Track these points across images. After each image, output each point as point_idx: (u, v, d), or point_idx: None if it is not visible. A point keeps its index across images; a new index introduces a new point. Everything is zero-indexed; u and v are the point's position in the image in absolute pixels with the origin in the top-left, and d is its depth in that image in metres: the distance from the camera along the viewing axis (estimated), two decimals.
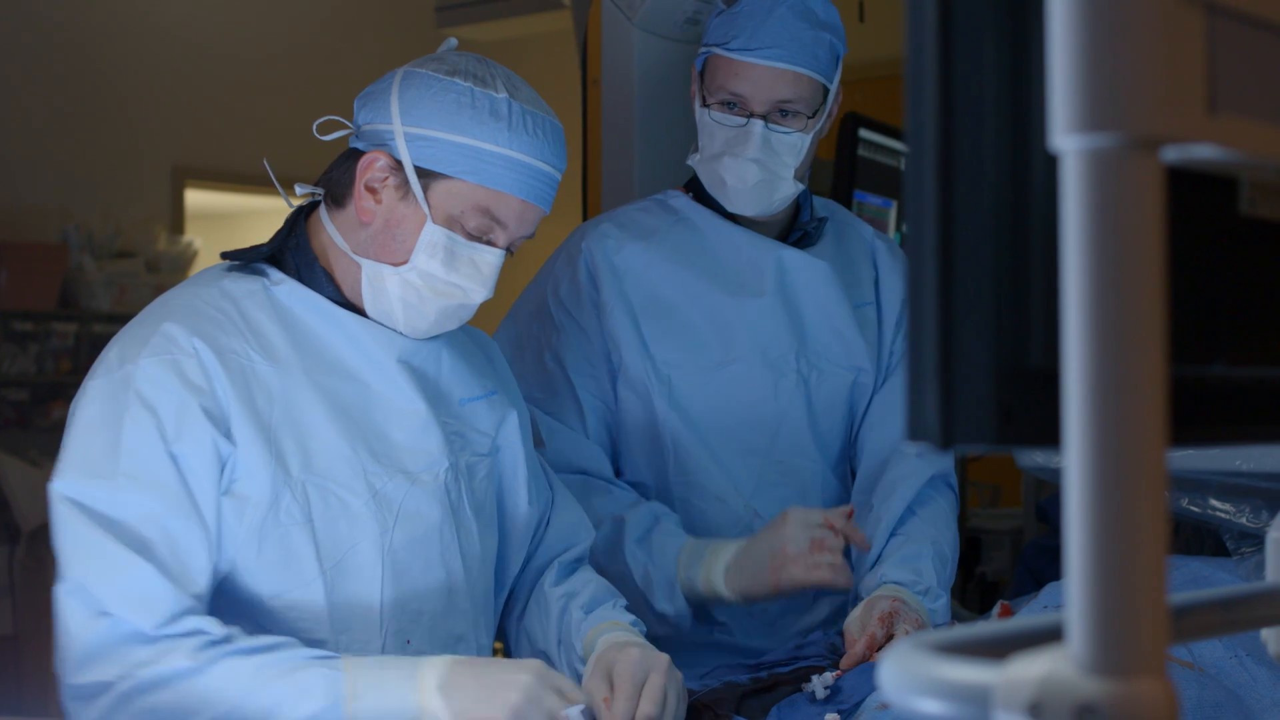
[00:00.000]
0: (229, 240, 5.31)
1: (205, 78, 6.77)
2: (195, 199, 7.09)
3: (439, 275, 1.54)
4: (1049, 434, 0.59)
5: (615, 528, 1.91)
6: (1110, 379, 0.54)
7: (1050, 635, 0.61)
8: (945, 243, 0.60)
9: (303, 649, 1.43)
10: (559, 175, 1.59)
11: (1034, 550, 2.88)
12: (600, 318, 1.98)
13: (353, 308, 1.59)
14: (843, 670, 1.67)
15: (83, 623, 1.38)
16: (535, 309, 2.04)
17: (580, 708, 1.56)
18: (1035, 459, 1.91)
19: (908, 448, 1.93)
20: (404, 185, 1.54)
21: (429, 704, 1.40)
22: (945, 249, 0.60)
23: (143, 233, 6.41)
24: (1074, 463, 0.55)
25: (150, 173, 6.69)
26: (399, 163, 1.53)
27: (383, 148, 1.54)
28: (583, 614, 1.68)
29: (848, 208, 2.68)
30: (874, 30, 2.83)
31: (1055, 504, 2.86)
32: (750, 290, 1.99)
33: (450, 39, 1.67)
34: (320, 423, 1.51)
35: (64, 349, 5.92)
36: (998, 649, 0.60)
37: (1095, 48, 0.55)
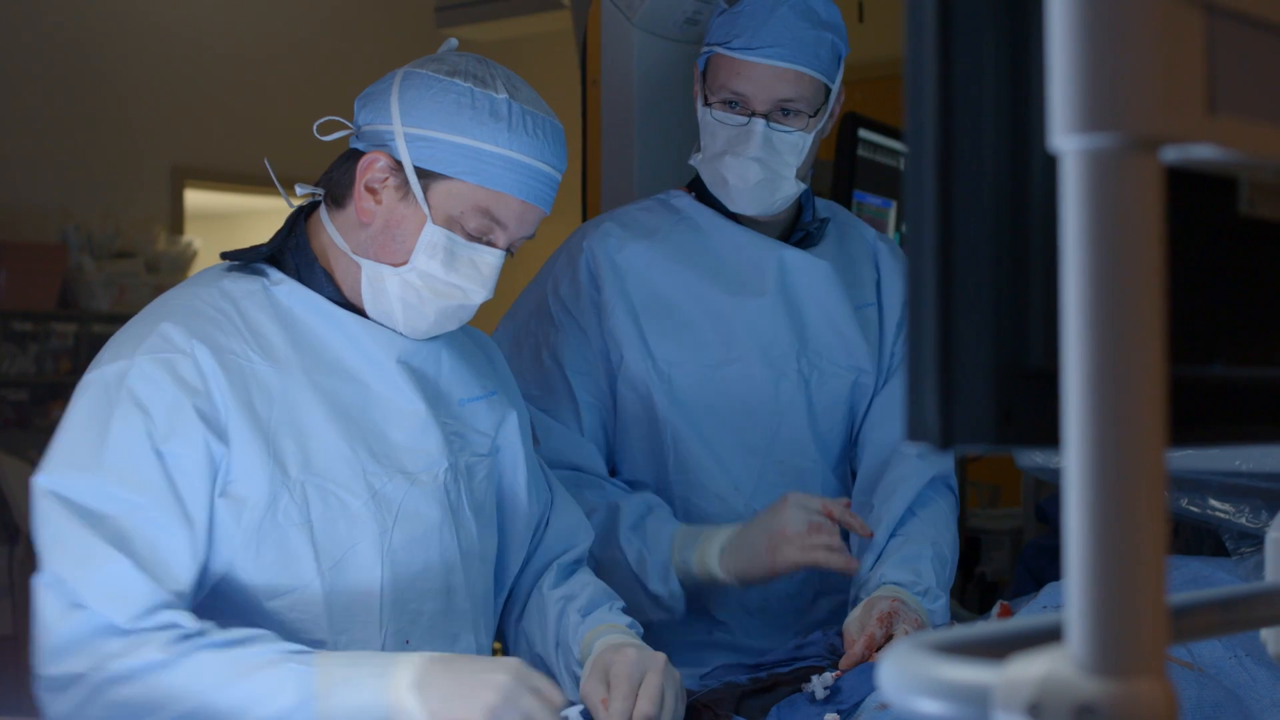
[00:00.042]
0: (228, 240, 5.31)
1: (205, 78, 6.78)
2: (195, 199, 7.09)
3: (439, 276, 1.54)
4: (1048, 434, 0.59)
5: (609, 514, 1.92)
6: (1110, 379, 0.54)
7: (1050, 635, 0.61)
8: (945, 243, 0.60)
9: (277, 643, 1.41)
10: (559, 176, 1.59)
11: (1033, 550, 2.88)
12: (600, 317, 1.98)
13: (352, 308, 1.59)
14: (842, 670, 1.67)
15: (57, 615, 1.37)
16: (535, 306, 2.04)
17: (579, 708, 1.56)
18: (1035, 459, 1.91)
19: (908, 449, 1.94)
20: (404, 186, 1.54)
21: (402, 702, 1.38)
22: (945, 249, 0.60)
23: (142, 233, 6.42)
24: (1073, 463, 0.55)
25: (150, 173, 6.70)
26: (399, 163, 1.53)
27: (383, 148, 1.54)
28: (580, 617, 1.68)
29: (847, 208, 2.68)
30: (873, 30, 2.83)
31: (1055, 504, 2.86)
32: (752, 290, 2.00)
33: (451, 39, 1.67)
34: (319, 423, 1.51)
35: (63, 349, 5.92)
36: (997, 649, 0.60)
37: (1095, 48, 0.55)
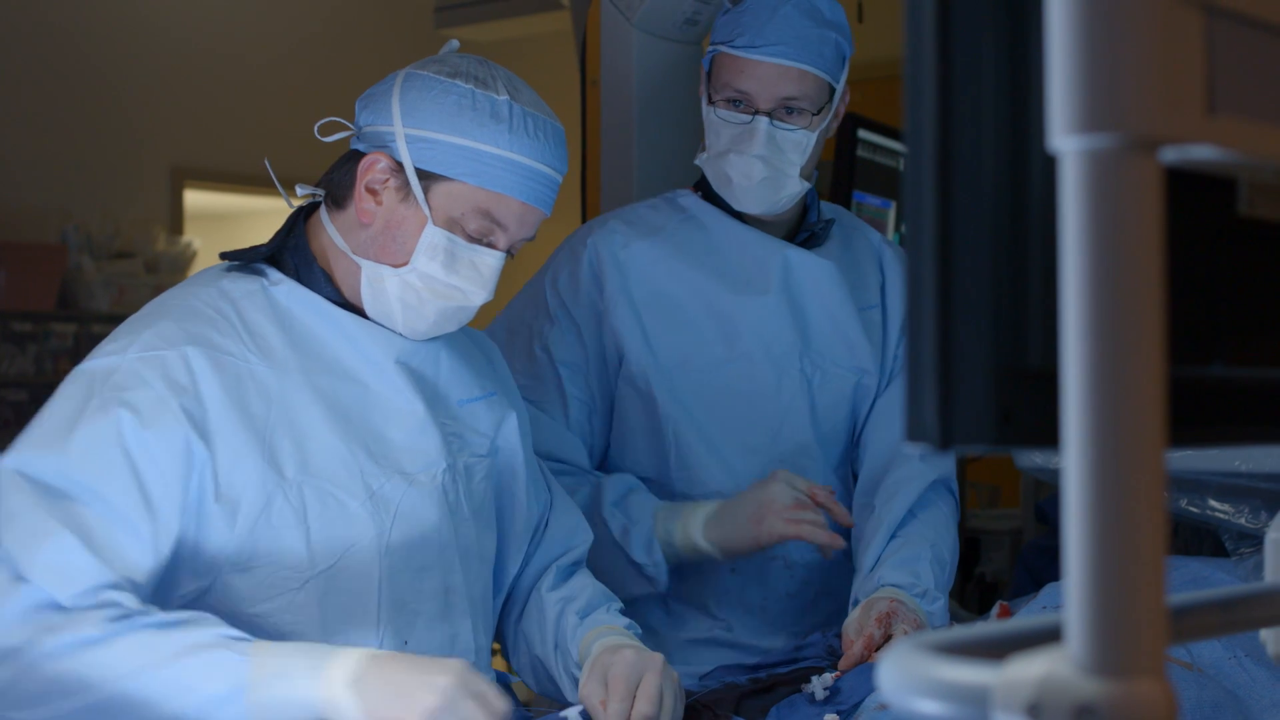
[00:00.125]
0: (228, 241, 5.30)
1: (205, 78, 6.78)
2: (194, 199, 7.09)
3: (439, 277, 1.54)
4: (1048, 435, 0.59)
5: (593, 490, 1.94)
6: (1109, 379, 0.55)
7: (1049, 636, 0.61)
8: (944, 243, 0.60)
9: (218, 628, 1.37)
10: (560, 178, 1.59)
11: (1033, 551, 2.88)
12: (600, 315, 1.98)
13: (351, 308, 1.59)
14: (841, 671, 1.68)
15: (1, 589, 1.34)
16: (532, 298, 2.05)
17: (579, 709, 1.56)
18: (1034, 460, 1.91)
19: (910, 450, 1.94)
20: (405, 187, 1.54)
21: (337, 698, 1.35)
22: (944, 249, 0.60)
23: (142, 233, 6.42)
24: (1073, 463, 0.55)
25: (149, 173, 6.69)
26: (400, 164, 1.53)
27: (384, 149, 1.54)
28: (578, 619, 1.68)
29: (846, 208, 2.68)
30: (873, 30, 2.83)
31: (1054, 505, 2.86)
32: (755, 288, 2.00)
33: (452, 40, 1.68)
34: (317, 424, 1.51)
35: (63, 349, 5.92)
36: (996, 649, 0.60)
37: (1094, 48, 0.55)
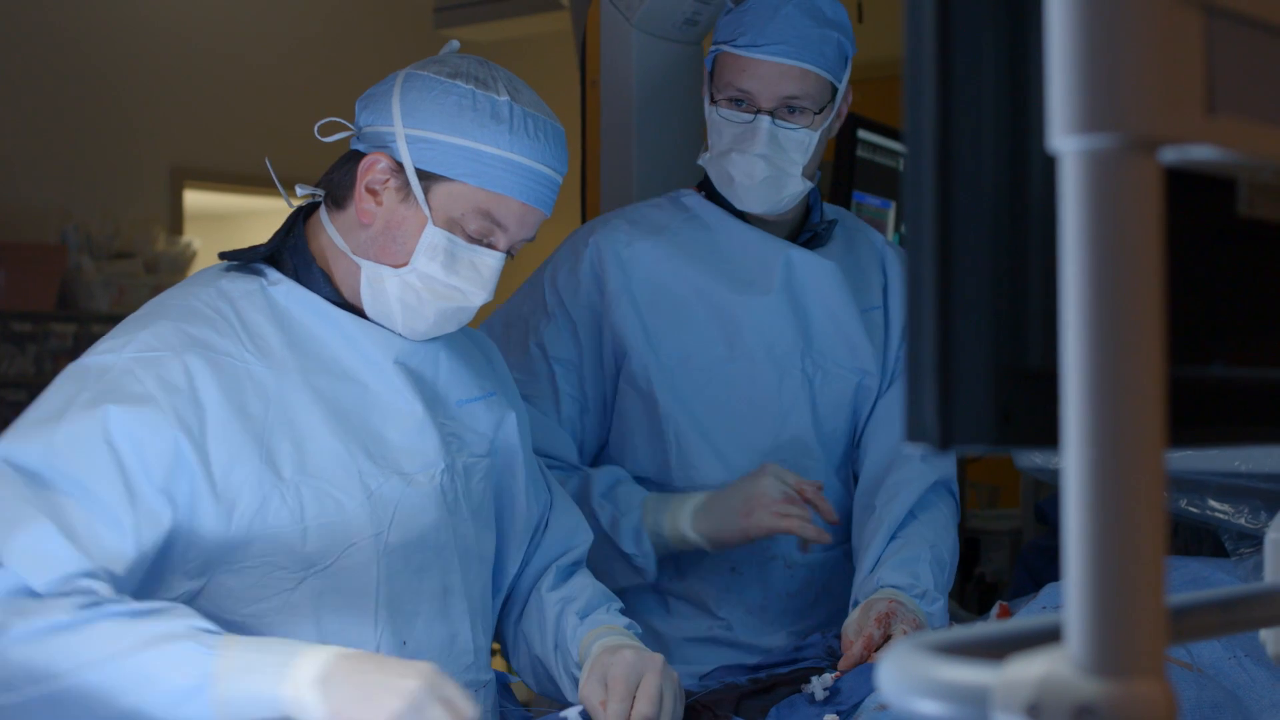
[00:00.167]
0: (228, 241, 5.30)
1: (204, 78, 6.78)
2: (194, 200, 7.09)
3: (439, 277, 1.54)
4: (1047, 435, 0.59)
5: (582, 482, 1.95)
6: (1109, 380, 0.55)
7: (1049, 636, 0.61)
8: (944, 243, 0.60)
9: (190, 619, 1.35)
10: (560, 178, 1.59)
11: (1032, 551, 2.88)
12: (599, 313, 1.99)
13: (351, 308, 1.59)
14: (841, 671, 1.68)
15: None
16: (530, 292, 2.06)
17: (578, 709, 1.56)
18: (1034, 460, 1.91)
19: (911, 451, 1.94)
20: (405, 187, 1.54)
21: (302, 696, 1.32)
22: (944, 250, 0.60)
23: (141, 233, 6.42)
24: (1072, 463, 0.55)
25: (149, 173, 6.69)
26: (400, 165, 1.53)
27: (384, 150, 1.54)
28: (578, 619, 1.68)
29: (846, 209, 2.68)
30: (872, 31, 2.83)
31: (1054, 505, 2.86)
32: (758, 288, 2.00)
33: (453, 41, 1.67)
34: (315, 424, 1.51)
35: (62, 350, 5.91)
36: (996, 650, 0.60)
37: (1094, 49, 0.55)
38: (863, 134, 3.32)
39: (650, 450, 1.99)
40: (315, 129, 1.58)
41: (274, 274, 1.58)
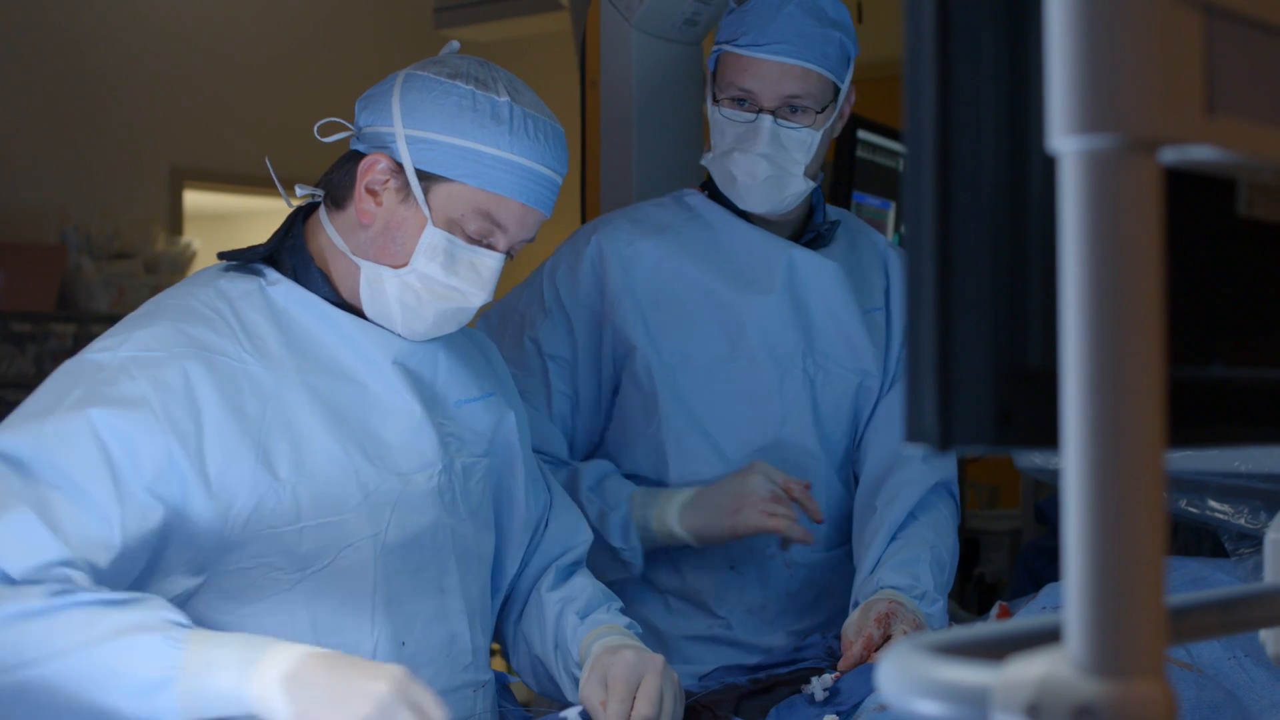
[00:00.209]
0: (227, 241, 5.30)
1: (204, 79, 6.77)
2: (194, 200, 7.08)
3: (438, 278, 1.54)
4: (1047, 435, 0.59)
5: (570, 476, 1.95)
6: (1108, 380, 0.54)
7: (1048, 636, 0.61)
8: (943, 244, 0.60)
9: (162, 611, 1.33)
10: (560, 179, 1.59)
11: (1032, 551, 2.88)
12: (597, 313, 1.99)
13: (349, 309, 1.59)
14: (841, 672, 1.68)
15: None
16: (529, 286, 2.06)
17: (578, 709, 1.56)
18: (1034, 460, 1.91)
19: (912, 451, 1.94)
20: (405, 188, 1.54)
21: (268, 694, 1.31)
22: (943, 250, 0.60)
23: (141, 233, 6.41)
24: (1072, 464, 0.55)
25: (149, 173, 6.69)
26: (400, 165, 1.53)
27: (384, 150, 1.54)
28: (578, 619, 1.68)
29: (846, 209, 2.68)
30: (872, 31, 2.82)
31: (1053, 505, 2.86)
32: (760, 287, 2.00)
33: (453, 41, 1.67)
34: (313, 424, 1.51)
35: (62, 350, 5.91)
36: (996, 650, 0.60)
37: (1093, 49, 0.55)
38: (862, 134, 3.33)
39: (649, 451, 1.99)
40: (315, 129, 1.58)
41: (272, 274, 1.58)
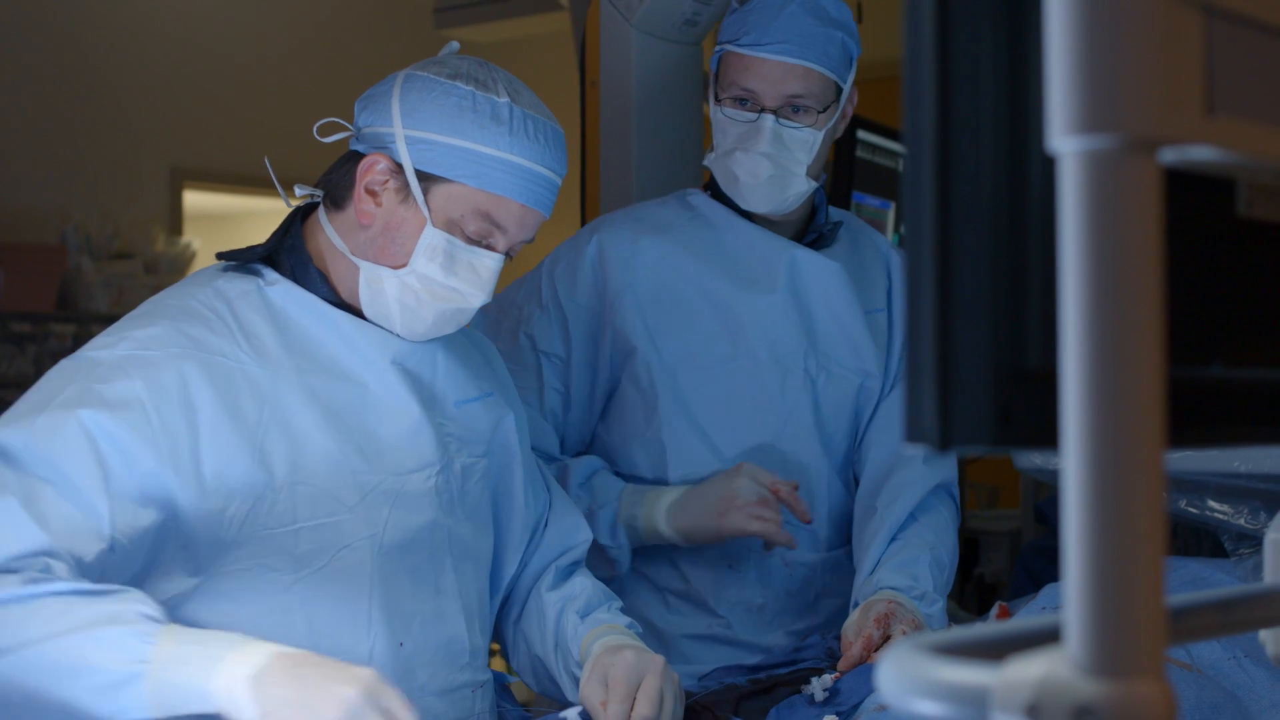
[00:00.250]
0: (227, 241, 5.30)
1: (204, 79, 6.78)
2: (193, 200, 7.08)
3: (438, 279, 1.54)
4: (1047, 435, 0.59)
5: (558, 473, 1.96)
6: (1108, 380, 0.54)
7: (1048, 636, 0.61)
8: (943, 244, 0.60)
9: (137, 605, 1.32)
10: (559, 180, 1.59)
11: (1032, 552, 2.88)
12: (595, 313, 1.99)
13: (348, 309, 1.59)
14: (841, 672, 1.68)
15: None
16: (529, 280, 2.07)
17: (578, 709, 1.56)
18: (1033, 460, 1.91)
19: (912, 452, 1.94)
20: (404, 188, 1.54)
21: (235, 694, 1.28)
22: (943, 250, 0.60)
23: (141, 234, 6.42)
24: (1072, 464, 0.55)
25: (149, 174, 6.69)
26: (399, 166, 1.53)
27: (383, 150, 1.54)
28: (578, 619, 1.68)
29: (845, 209, 2.68)
30: (872, 31, 2.83)
31: (1053, 505, 2.86)
32: (762, 286, 2.00)
33: (452, 42, 1.67)
34: (310, 424, 1.51)
35: (62, 350, 5.91)
36: (996, 650, 0.60)
37: (1093, 49, 0.55)
38: (862, 134, 3.33)
39: (648, 451, 1.99)
40: (314, 129, 1.58)
41: (271, 274, 1.58)
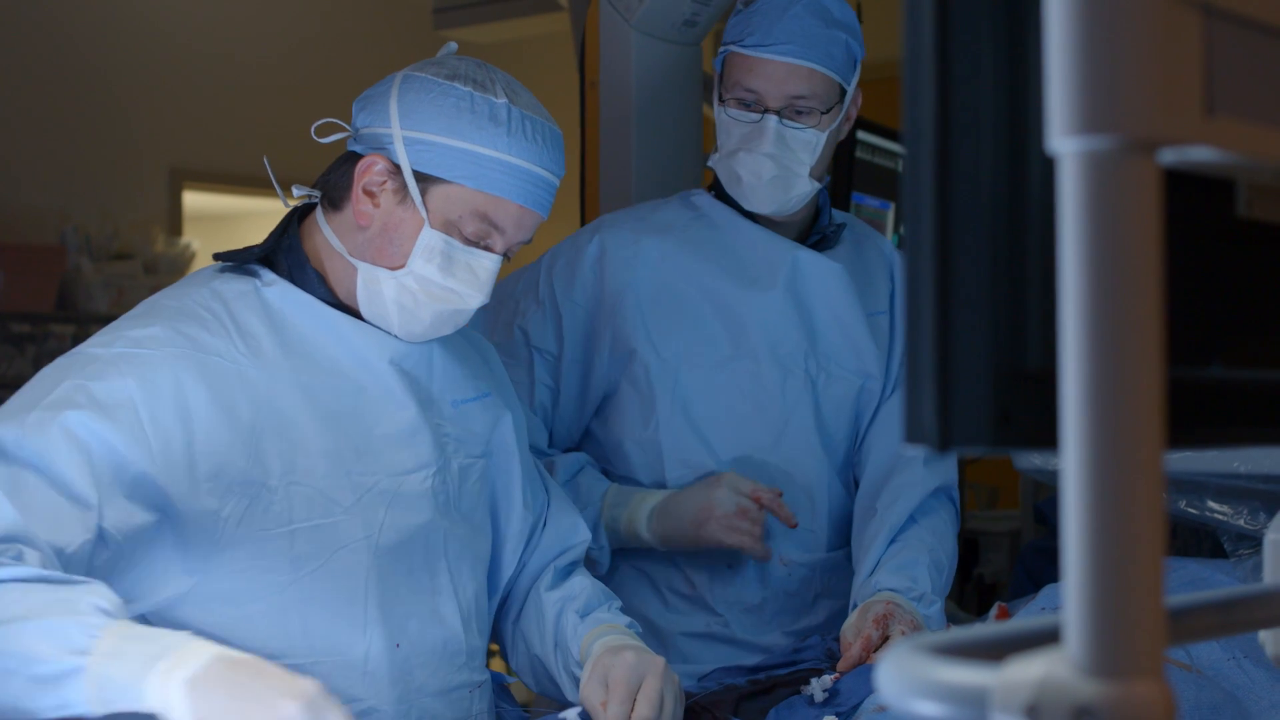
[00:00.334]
0: (226, 242, 5.29)
1: (203, 80, 6.78)
2: (193, 201, 7.08)
3: (435, 280, 1.54)
4: (1046, 436, 0.59)
5: (546, 467, 1.95)
6: (1108, 381, 0.54)
7: (1048, 637, 0.61)
8: (943, 245, 0.60)
9: (93, 596, 1.28)
10: (557, 181, 1.59)
11: (1031, 552, 2.88)
12: (592, 313, 1.99)
13: (345, 309, 1.59)
14: (840, 673, 1.68)
15: None
16: (527, 274, 2.07)
17: (578, 709, 1.56)
18: (1033, 461, 1.91)
19: (913, 454, 1.94)
20: (402, 189, 1.54)
21: (170, 696, 1.23)
22: (943, 251, 0.60)
23: (141, 234, 6.42)
24: (1071, 465, 0.55)
25: (148, 174, 6.69)
26: (397, 166, 1.53)
27: (381, 151, 1.54)
28: (578, 618, 1.68)
29: (845, 210, 2.68)
30: (871, 32, 2.83)
31: (1053, 506, 2.86)
32: (763, 287, 2.00)
33: (451, 43, 1.67)
34: (307, 425, 1.51)
35: (61, 351, 5.86)
36: (995, 651, 0.60)
37: (1092, 50, 0.55)
38: (861, 135, 3.32)
39: (645, 452, 1.99)
40: (312, 130, 1.58)
41: (268, 275, 1.58)
